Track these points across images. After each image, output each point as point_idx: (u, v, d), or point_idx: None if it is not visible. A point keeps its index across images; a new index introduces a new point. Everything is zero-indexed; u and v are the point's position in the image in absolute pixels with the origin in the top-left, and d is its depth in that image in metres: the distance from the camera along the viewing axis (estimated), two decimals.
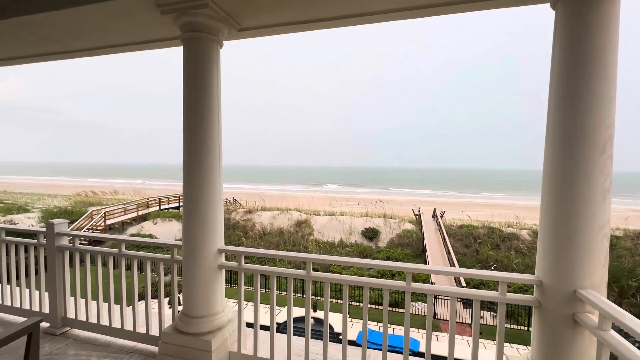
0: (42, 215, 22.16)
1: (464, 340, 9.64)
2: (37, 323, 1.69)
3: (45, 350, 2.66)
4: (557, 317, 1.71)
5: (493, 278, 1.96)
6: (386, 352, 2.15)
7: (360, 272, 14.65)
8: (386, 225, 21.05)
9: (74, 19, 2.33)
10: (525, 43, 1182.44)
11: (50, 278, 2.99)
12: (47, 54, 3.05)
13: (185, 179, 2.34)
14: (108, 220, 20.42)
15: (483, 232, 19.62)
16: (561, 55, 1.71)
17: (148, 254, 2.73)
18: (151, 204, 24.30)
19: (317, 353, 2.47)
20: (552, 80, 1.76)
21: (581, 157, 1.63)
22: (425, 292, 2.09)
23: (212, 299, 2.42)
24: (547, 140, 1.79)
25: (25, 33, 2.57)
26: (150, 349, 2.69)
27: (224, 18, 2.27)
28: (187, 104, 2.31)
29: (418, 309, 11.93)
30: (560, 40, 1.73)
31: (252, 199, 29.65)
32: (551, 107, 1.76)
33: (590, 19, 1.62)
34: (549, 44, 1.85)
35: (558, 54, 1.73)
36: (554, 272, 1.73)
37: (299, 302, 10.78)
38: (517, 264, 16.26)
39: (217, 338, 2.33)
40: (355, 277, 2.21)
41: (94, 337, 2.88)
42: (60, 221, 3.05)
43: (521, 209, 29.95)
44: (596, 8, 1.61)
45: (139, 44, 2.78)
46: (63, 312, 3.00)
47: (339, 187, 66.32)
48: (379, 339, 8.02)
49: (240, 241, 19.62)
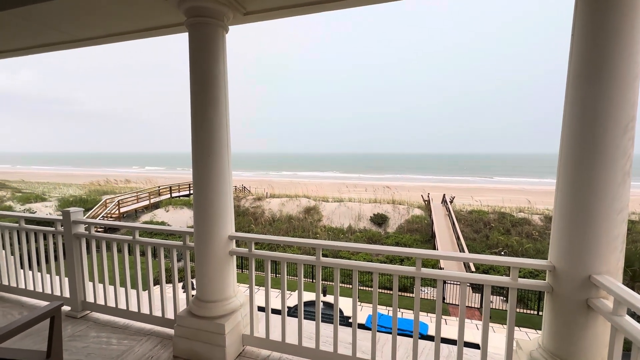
0: (59, 204, 22.86)
1: (472, 323, 9.73)
2: (58, 307, 1.76)
3: (68, 332, 2.79)
4: (570, 302, 1.69)
5: (504, 263, 1.94)
6: (396, 335, 2.18)
7: (369, 257, 14.78)
8: (395, 211, 21.02)
9: (78, 6, 2.30)
10: (539, 20, 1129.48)
11: (69, 264, 3.10)
12: (54, 44, 3.05)
13: (194, 168, 2.35)
14: (121, 208, 20.93)
15: (493, 217, 19.43)
16: (583, 30, 1.62)
17: (161, 241, 2.79)
18: (162, 192, 24.75)
19: (327, 336, 2.52)
20: (572, 55, 1.67)
21: (601, 138, 1.56)
22: (435, 278, 2.09)
23: (224, 284, 2.47)
24: (565, 120, 1.72)
25: (32, 23, 2.57)
26: (167, 331, 2.80)
27: (228, 1, 2.21)
28: (194, 91, 2.29)
29: (427, 293, 12.03)
30: (582, 14, 1.63)
31: (261, 186, 29.90)
32: (570, 85, 1.68)
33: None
34: (565, 19, 1.76)
35: (579, 28, 1.64)
36: (568, 257, 1.70)
37: (309, 287, 10.98)
38: (528, 249, 16.13)
39: (230, 321, 2.40)
40: (365, 263, 2.22)
41: (113, 320, 3.00)
42: (75, 209, 3.13)
43: (533, 194, 29.45)
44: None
45: (143, 31, 2.74)
46: (83, 296, 3.13)
47: (347, 174, 66.12)
48: (387, 322, 8.16)
49: (250, 228, 19.93)
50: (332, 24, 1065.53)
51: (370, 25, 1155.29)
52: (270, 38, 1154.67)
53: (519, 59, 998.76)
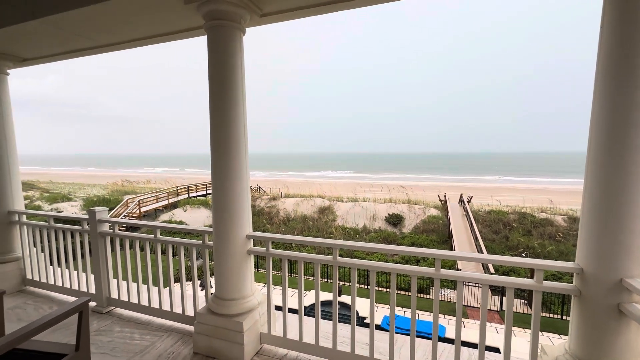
0: (83, 204, 23.83)
1: (491, 327, 9.46)
2: (86, 302, 1.83)
3: (94, 327, 2.91)
4: (600, 307, 1.62)
5: (528, 265, 1.88)
6: (414, 336, 2.15)
7: (384, 258, 14.63)
8: (410, 211, 20.73)
9: (102, 13, 2.39)
10: (555, 11, 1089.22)
11: (95, 261, 3.23)
12: (80, 50, 3.18)
13: (213, 169, 2.40)
14: (142, 207, 21.59)
15: (513, 218, 18.85)
16: (613, 21, 1.54)
17: (181, 240, 2.86)
18: (181, 192, 25.37)
19: (344, 336, 2.51)
20: (601, 48, 1.59)
21: (636, 131, 1.48)
22: (454, 279, 2.05)
23: (242, 283, 2.51)
24: (593, 116, 1.65)
25: (62, 30, 2.69)
26: (187, 328, 2.86)
27: (246, 4, 2.24)
28: (213, 92, 2.33)
29: (444, 295, 11.80)
30: (612, 2, 1.54)
31: (276, 186, 30.14)
32: (598, 79, 1.60)
33: None
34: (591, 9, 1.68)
35: (609, 13, 1.56)
36: (597, 259, 1.62)
37: (324, 286, 10.98)
38: (551, 252, 15.55)
39: (248, 320, 2.43)
40: (382, 263, 2.20)
41: (136, 316, 3.10)
42: (100, 209, 3.25)
43: (555, 193, 28.37)
44: None
45: (163, 36, 2.82)
46: (107, 292, 3.24)
47: (360, 174, 65.72)
48: (403, 323, 8.06)
49: (265, 227, 20.13)
50: (344, 24, 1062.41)
51: (383, 25, 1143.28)
52: (272, 39, 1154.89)
53: (537, 50, 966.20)
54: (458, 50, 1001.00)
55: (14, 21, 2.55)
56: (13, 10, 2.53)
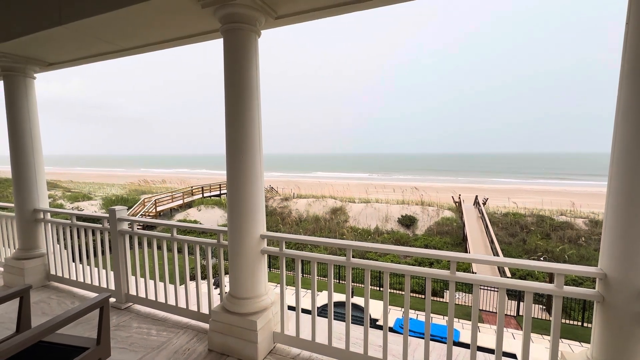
0: (103, 203, 24.61)
1: (507, 332, 9.22)
2: (106, 298, 1.90)
3: (113, 322, 3.00)
4: (625, 314, 1.56)
5: (548, 269, 1.83)
6: (429, 339, 2.12)
7: (397, 259, 14.48)
8: (424, 212, 20.44)
9: (123, 18, 2.48)
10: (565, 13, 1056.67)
11: (114, 259, 3.33)
12: (102, 54, 3.30)
13: (228, 169, 2.43)
14: (158, 207, 22.12)
15: (531, 221, 18.31)
16: (639, 11, 1.48)
17: (197, 239, 2.92)
18: (195, 192, 25.85)
19: (357, 337, 2.50)
20: (627, 46, 1.53)
21: None
22: (470, 282, 2.01)
23: (256, 282, 2.54)
24: (617, 116, 1.59)
25: (85, 35, 2.80)
26: (202, 325, 2.92)
27: (261, 7, 2.27)
28: (229, 94, 2.37)
29: (458, 298, 11.57)
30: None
31: (288, 187, 30.31)
32: (624, 77, 1.54)
33: None
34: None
35: (635, 8, 1.50)
36: (622, 265, 1.56)
37: (337, 287, 10.97)
38: (571, 256, 15.03)
39: (262, 319, 2.46)
40: (396, 265, 2.18)
41: (153, 313, 3.18)
42: (120, 208, 3.36)
43: (576, 196, 27.39)
44: None
45: (181, 39, 2.89)
46: (126, 289, 3.34)
47: (372, 175, 65.29)
48: (416, 326, 7.95)
49: (277, 227, 20.27)
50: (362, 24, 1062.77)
51: (386, 26, 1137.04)
52: (272, 41, 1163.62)
53: (550, 48, 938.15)
54: (473, 47, 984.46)
55: (42, 27, 2.67)
56: (42, 17, 2.65)
